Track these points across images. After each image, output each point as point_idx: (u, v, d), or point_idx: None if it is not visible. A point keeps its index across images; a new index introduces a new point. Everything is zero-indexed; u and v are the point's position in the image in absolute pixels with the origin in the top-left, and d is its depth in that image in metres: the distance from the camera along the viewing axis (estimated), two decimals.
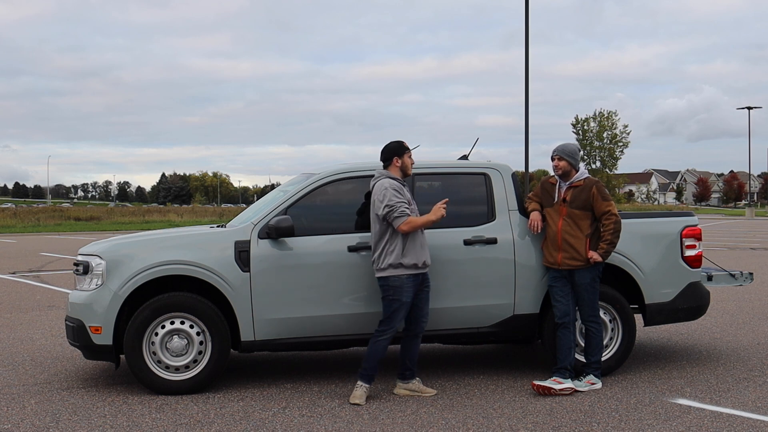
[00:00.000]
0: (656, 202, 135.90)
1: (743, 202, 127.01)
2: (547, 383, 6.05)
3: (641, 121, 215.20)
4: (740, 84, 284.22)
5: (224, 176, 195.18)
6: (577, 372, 6.31)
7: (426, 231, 6.25)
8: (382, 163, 6.19)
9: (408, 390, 6.08)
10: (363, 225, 6.43)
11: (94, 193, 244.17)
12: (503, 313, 6.51)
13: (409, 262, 5.89)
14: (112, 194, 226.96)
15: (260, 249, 6.23)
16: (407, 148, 6.13)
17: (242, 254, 6.20)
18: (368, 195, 6.30)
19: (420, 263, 5.94)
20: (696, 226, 7.00)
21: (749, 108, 68.94)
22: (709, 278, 7.27)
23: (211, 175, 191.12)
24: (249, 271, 6.18)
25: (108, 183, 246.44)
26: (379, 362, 5.98)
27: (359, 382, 5.95)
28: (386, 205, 5.85)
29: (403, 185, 6.03)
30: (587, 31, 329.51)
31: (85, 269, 6.23)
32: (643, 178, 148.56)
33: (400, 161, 6.09)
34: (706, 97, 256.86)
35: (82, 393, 6.21)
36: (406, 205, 5.87)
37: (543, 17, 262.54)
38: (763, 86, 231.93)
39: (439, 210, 5.95)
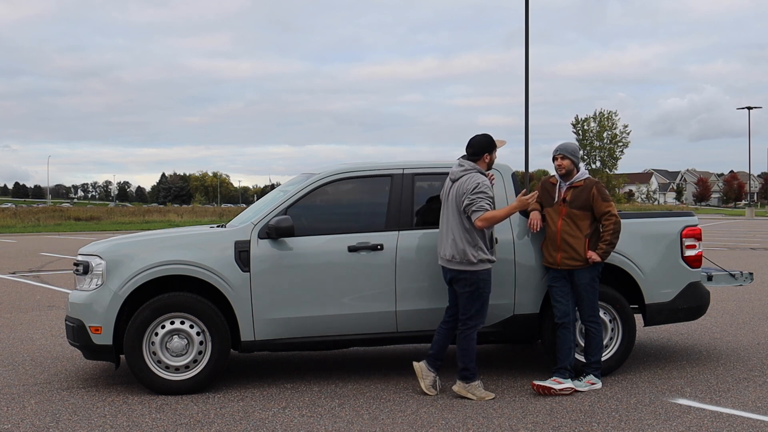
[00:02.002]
0: (656, 202, 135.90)
1: (743, 202, 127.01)
2: (547, 383, 6.05)
3: (642, 121, 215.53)
4: (741, 84, 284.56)
5: (224, 176, 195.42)
6: (577, 372, 6.31)
7: (426, 230, 6.26)
8: (468, 156, 6.11)
9: (422, 374, 6.07)
10: (364, 225, 6.44)
11: (94, 193, 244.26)
12: (503, 313, 6.51)
13: (493, 256, 6.00)
14: (112, 194, 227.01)
15: (260, 249, 6.22)
16: (495, 145, 6.15)
17: (242, 254, 6.20)
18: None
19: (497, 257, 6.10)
20: (696, 226, 7.00)
21: (749, 108, 68.95)
22: (709, 278, 7.27)
23: (211, 175, 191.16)
24: (249, 271, 6.18)
25: (108, 183, 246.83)
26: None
27: (473, 383, 5.94)
28: (469, 197, 5.86)
29: None
30: (588, 30, 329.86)
31: (85, 269, 6.23)
32: (643, 178, 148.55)
33: (489, 157, 6.12)
34: (706, 97, 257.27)
35: (82, 393, 6.21)
36: (489, 202, 5.89)
37: (543, 17, 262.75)
38: (763, 86, 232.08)
39: (523, 199, 6.01)
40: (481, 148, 6.08)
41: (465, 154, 6.15)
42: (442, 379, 6.42)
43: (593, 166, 76.06)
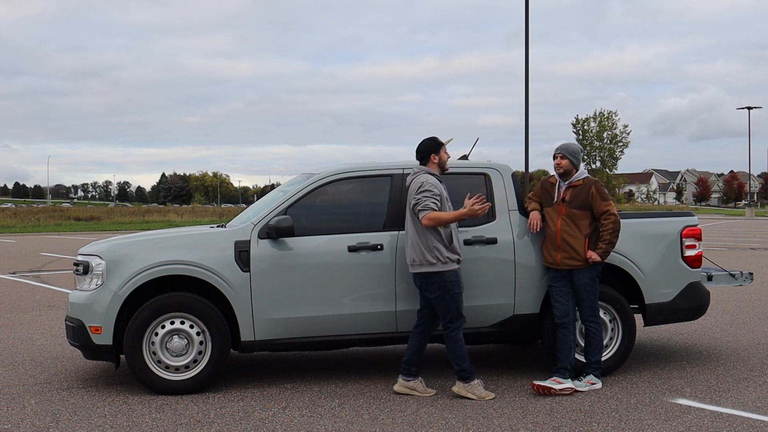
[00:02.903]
0: (656, 202, 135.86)
1: (743, 202, 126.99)
2: (547, 383, 6.04)
3: (642, 120, 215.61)
4: (741, 84, 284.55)
5: (224, 176, 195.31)
6: (577, 372, 6.31)
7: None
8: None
9: (407, 388, 6.07)
10: (364, 225, 6.44)
11: (94, 193, 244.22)
12: (503, 313, 6.51)
13: (455, 257, 5.95)
14: (112, 194, 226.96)
15: (260, 249, 6.22)
16: (442, 143, 6.15)
17: (242, 254, 6.19)
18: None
19: (462, 257, 6.03)
20: (696, 226, 7.00)
21: (749, 108, 68.94)
22: (709, 278, 7.27)
23: (211, 175, 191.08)
24: (249, 271, 6.18)
25: (108, 183, 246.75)
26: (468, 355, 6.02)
27: (472, 382, 5.93)
28: (414, 197, 5.89)
29: (440, 181, 6.06)
30: (588, 30, 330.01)
31: (85, 269, 6.23)
32: (643, 178, 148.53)
33: (437, 158, 6.11)
34: (706, 97, 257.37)
35: (82, 393, 6.21)
36: (434, 201, 5.87)
37: (543, 17, 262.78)
38: (763, 86, 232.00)
39: (472, 208, 5.91)
40: (425, 150, 6.11)
41: None
42: (443, 379, 6.42)
43: (593, 166, 75.99)
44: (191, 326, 6.15)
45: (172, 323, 6.13)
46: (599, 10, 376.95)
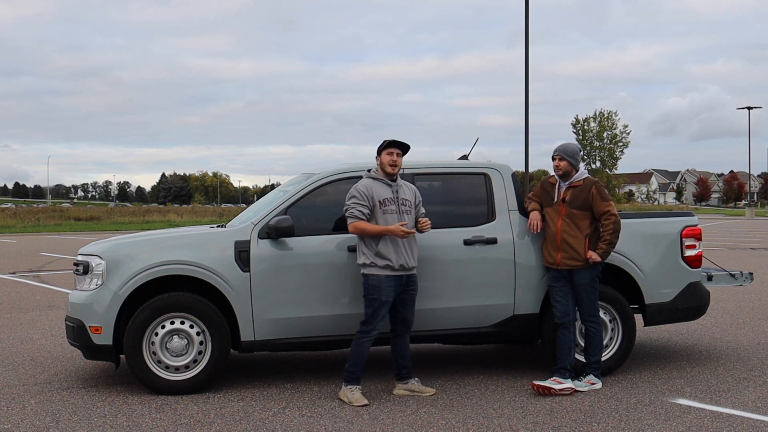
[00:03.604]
0: (656, 202, 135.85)
1: (743, 202, 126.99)
2: (547, 383, 6.05)
3: (642, 120, 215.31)
4: (741, 84, 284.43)
5: (224, 176, 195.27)
6: (577, 372, 6.31)
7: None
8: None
9: (407, 390, 6.07)
10: None
11: (94, 193, 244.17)
12: (503, 313, 6.51)
13: (382, 262, 5.86)
14: (112, 194, 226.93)
15: (260, 249, 6.22)
16: (382, 147, 6.05)
17: (242, 254, 6.20)
18: None
19: (396, 265, 5.87)
20: (696, 226, 7.00)
21: (749, 108, 68.94)
22: (709, 278, 7.27)
23: (211, 175, 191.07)
24: (249, 271, 6.18)
25: (108, 183, 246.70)
26: (365, 363, 5.97)
27: (350, 386, 5.90)
28: (346, 202, 5.93)
29: (389, 185, 6.00)
30: (588, 30, 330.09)
31: (85, 269, 6.23)
32: (643, 178, 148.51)
33: (379, 159, 6.09)
34: (707, 97, 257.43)
35: (82, 393, 6.21)
36: (360, 209, 5.86)
37: (544, 17, 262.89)
38: (763, 86, 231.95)
39: (399, 228, 5.81)
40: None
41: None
42: (442, 379, 6.42)
43: (593, 166, 76.02)
44: (191, 326, 6.15)
45: (172, 323, 6.13)
46: (600, 10, 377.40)
